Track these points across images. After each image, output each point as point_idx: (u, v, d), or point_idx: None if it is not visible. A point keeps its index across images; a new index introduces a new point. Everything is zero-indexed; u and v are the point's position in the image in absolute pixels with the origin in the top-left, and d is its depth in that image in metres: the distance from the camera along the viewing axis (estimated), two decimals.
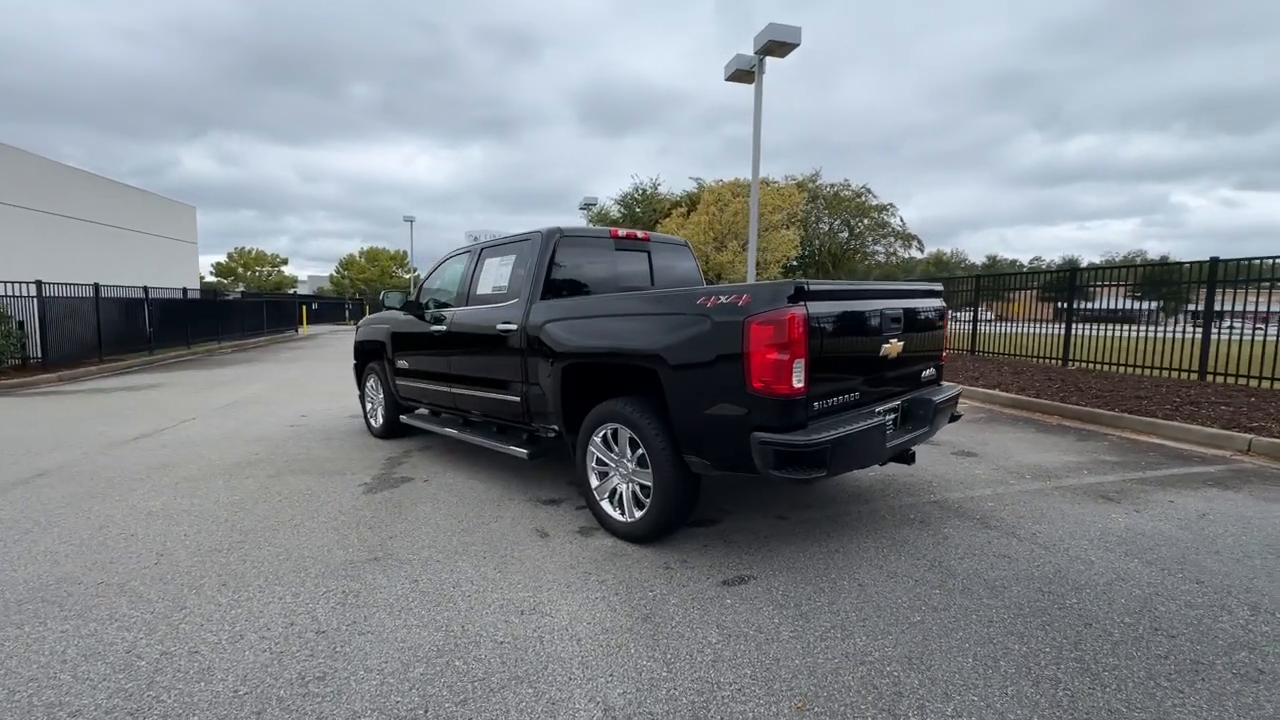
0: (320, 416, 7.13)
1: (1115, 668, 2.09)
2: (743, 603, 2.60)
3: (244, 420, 6.90)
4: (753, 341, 2.59)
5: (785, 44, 11.95)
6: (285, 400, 8.37)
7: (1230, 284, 7.36)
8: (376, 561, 3.07)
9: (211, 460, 5.13)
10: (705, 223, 19.15)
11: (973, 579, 2.78)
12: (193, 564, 3.05)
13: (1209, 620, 2.39)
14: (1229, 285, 7.37)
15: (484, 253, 4.66)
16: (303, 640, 2.34)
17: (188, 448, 5.56)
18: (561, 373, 3.57)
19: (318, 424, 6.68)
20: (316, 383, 10.22)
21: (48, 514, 3.78)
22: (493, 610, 2.56)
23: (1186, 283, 7.95)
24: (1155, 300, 9.21)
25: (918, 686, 2.01)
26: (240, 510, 3.86)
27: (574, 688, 2.03)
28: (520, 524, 3.58)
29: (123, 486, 4.37)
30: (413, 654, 2.24)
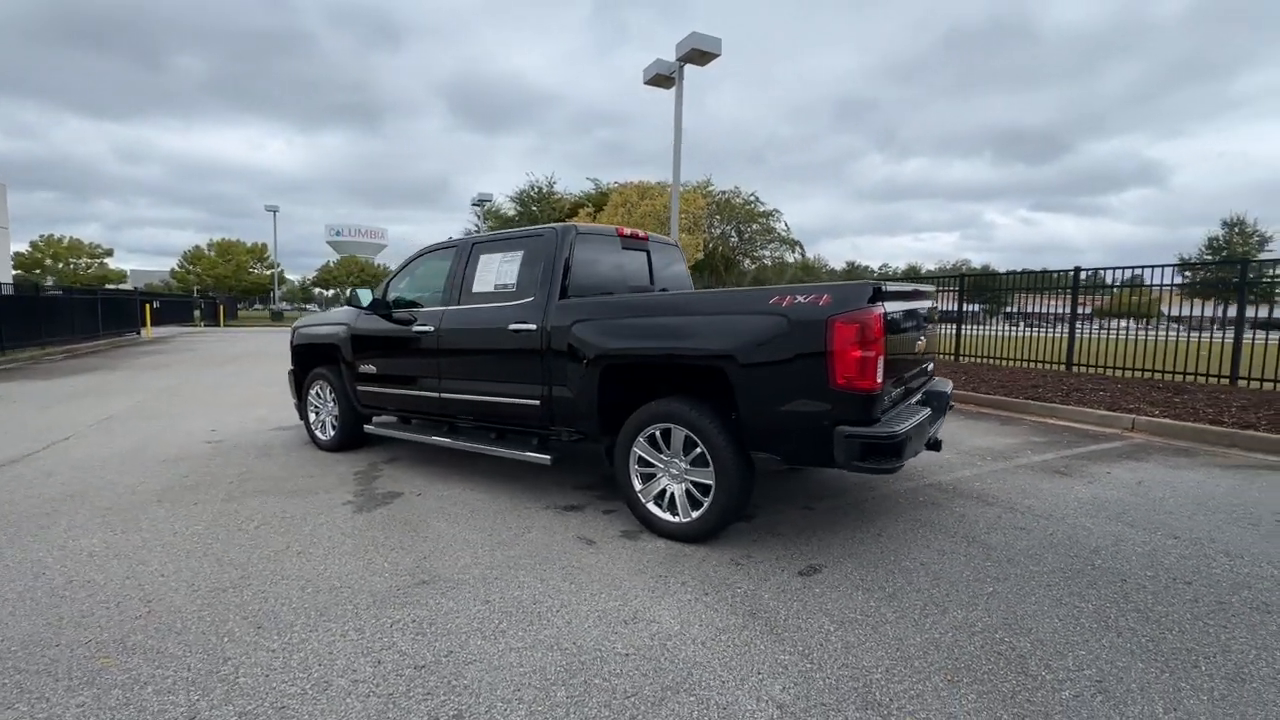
0: (236, 430, 6.25)
1: (1166, 615, 2.46)
2: (831, 590, 2.71)
3: (141, 438, 5.87)
4: (837, 340, 2.70)
5: (706, 53, 12.38)
6: (179, 413, 7.22)
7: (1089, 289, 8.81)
8: (427, 585, 2.79)
9: (130, 486, 4.32)
10: (630, 223, 19.24)
11: (1009, 550, 3.11)
12: (199, 608, 2.58)
13: (1204, 568, 2.89)
14: (1088, 291, 8.82)
15: (475, 249, 4.38)
16: (407, 679, 2.08)
17: (86, 473, 4.63)
18: (600, 374, 3.47)
19: (241, 439, 5.86)
20: (206, 392, 8.93)
21: None
22: (593, 623, 2.44)
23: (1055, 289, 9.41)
24: (1030, 305, 10.76)
25: (1032, 648, 2.23)
26: (213, 541, 3.31)
27: (734, 690, 2.01)
28: (556, 533, 3.42)
29: (30, 525, 3.56)
30: (543, 677, 2.08)
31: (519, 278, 4.02)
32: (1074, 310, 8.86)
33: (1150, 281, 8.15)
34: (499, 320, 3.99)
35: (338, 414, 5.24)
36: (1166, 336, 8.21)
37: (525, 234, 4.14)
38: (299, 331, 5.67)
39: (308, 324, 5.70)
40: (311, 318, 5.87)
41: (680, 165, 13.53)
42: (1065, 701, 1.93)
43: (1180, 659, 2.16)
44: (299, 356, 5.68)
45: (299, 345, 5.62)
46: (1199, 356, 7.87)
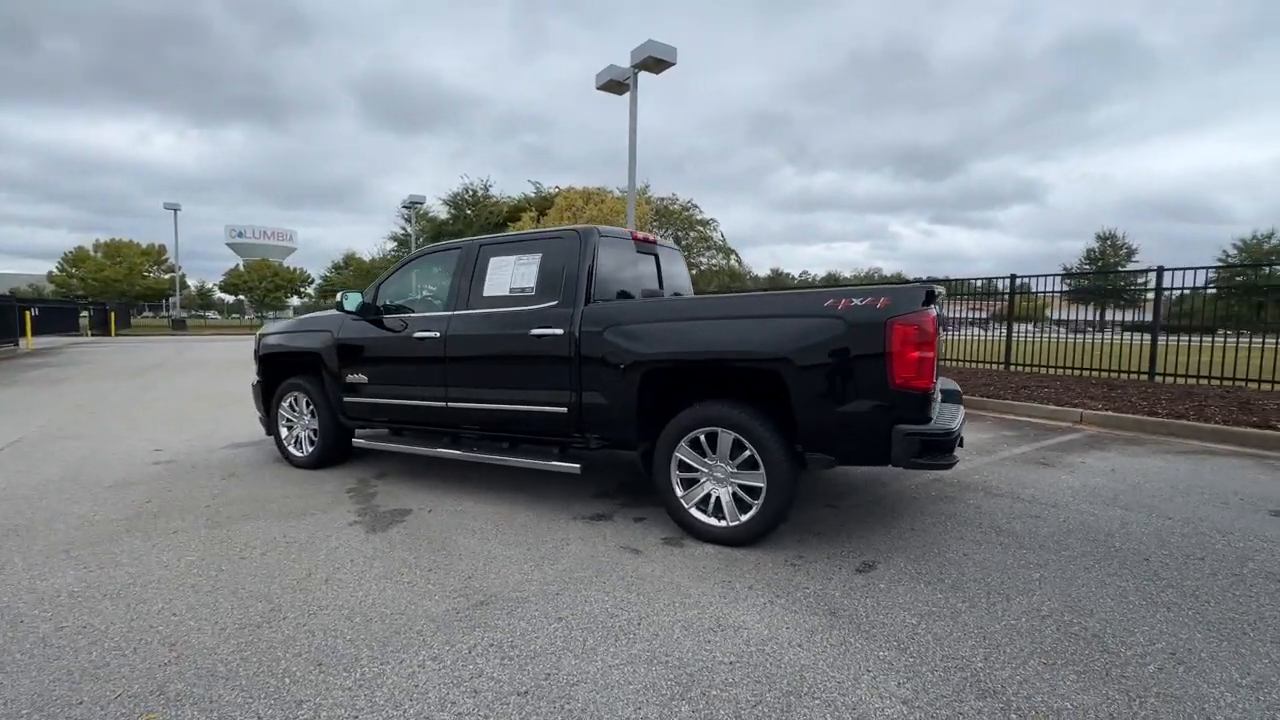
0: (184, 449, 5.66)
1: (1197, 588, 2.70)
2: (894, 585, 2.78)
3: (71, 462, 5.18)
4: (895, 341, 2.79)
5: (662, 61, 12.52)
6: (105, 433, 6.45)
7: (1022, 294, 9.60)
8: (486, 605, 2.62)
9: (84, 516, 3.80)
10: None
11: (1035, 538, 3.31)
12: (237, 648, 2.30)
13: (1207, 544, 3.20)
14: (1020, 295, 9.61)
15: (483, 251, 4.20)
16: (515, 706, 1.94)
17: (19, 504, 4.02)
18: (640, 380, 3.40)
19: (195, 458, 5.31)
20: (127, 408, 8.03)
21: None
22: (680, 633, 2.38)
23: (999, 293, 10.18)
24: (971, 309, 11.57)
25: (1101, 627, 2.38)
26: (217, 572, 2.97)
27: (852, 689, 2.01)
28: (597, 544, 3.32)
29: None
30: (658, 693, 2.00)
31: (538, 281, 3.88)
32: (1010, 313, 9.64)
33: (1044, 287, 8.97)
34: (518, 325, 3.83)
35: (317, 428, 4.85)
36: (1065, 337, 9.08)
37: (543, 235, 4.02)
38: (266, 340, 5.21)
39: (277, 331, 5.25)
40: (281, 324, 5.41)
41: (635, 171, 13.60)
42: (1153, 675, 2.08)
43: (1229, 628, 2.37)
44: (267, 367, 5.22)
45: (268, 355, 5.16)
46: (1119, 356, 8.76)
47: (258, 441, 5.99)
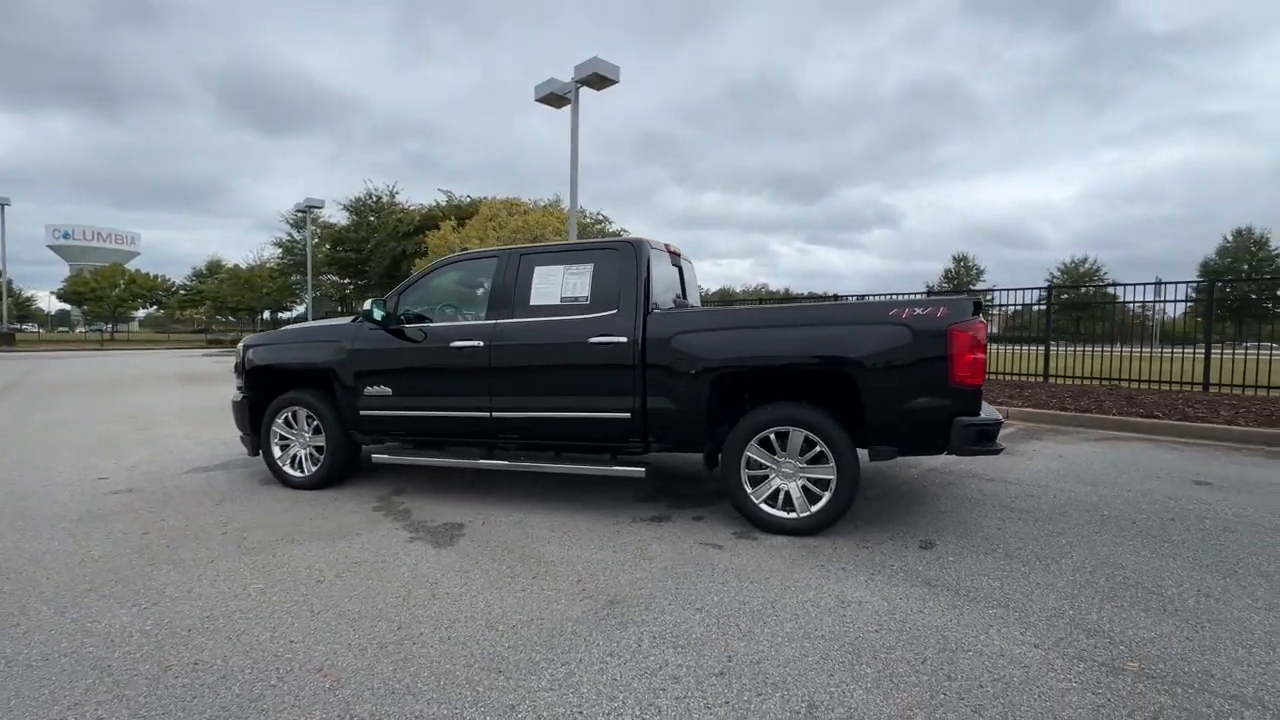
0: (136, 476, 5.04)
1: (1186, 541, 3.35)
2: (961, 557, 3.18)
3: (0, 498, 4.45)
4: (955, 345, 3.22)
5: (605, 79, 12.81)
6: (25, 463, 5.54)
7: None
8: (618, 604, 2.69)
9: (77, 554, 3.34)
10: (502, 239, 18.64)
11: (1040, 513, 3.89)
12: (397, 665, 2.21)
13: (1168, 508, 3.93)
14: None
15: (525, 260, 4.20)
16: (722, 684, 2.06)
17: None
18: (712, 384, 3.60)
19: (158, 485, 4.75)
20: (27, 437, 6.90)
21: None
22: (818, 612, 2.59)
23: None
24: None
25: (1138, 576, 2.90)
26: (303, 598, 2.77)
27: (989, 641, 2.34)
28: (677, 543, 3.44)
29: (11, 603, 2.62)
30: (835, 660, 2.21)
31: (593, 290, 3.97)
32: None
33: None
34: (575, 333, 3.89)
35: (324, 445, 4.54)
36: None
37: (592, 246, 4.11)
38: (255, 353, 4.79)
39: (269, 343, 4.85)
40: (271, 334, 5.00)
41: (577, 185, 13.71)
42: (1194, 607, 2.60)
43: (1223, 569, 3.00)
44: (257, 381, 4.79)
45: (261, 368, 4.74)
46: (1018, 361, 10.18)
47: (226, 464, 5.45)
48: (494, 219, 19.21)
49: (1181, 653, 2.26)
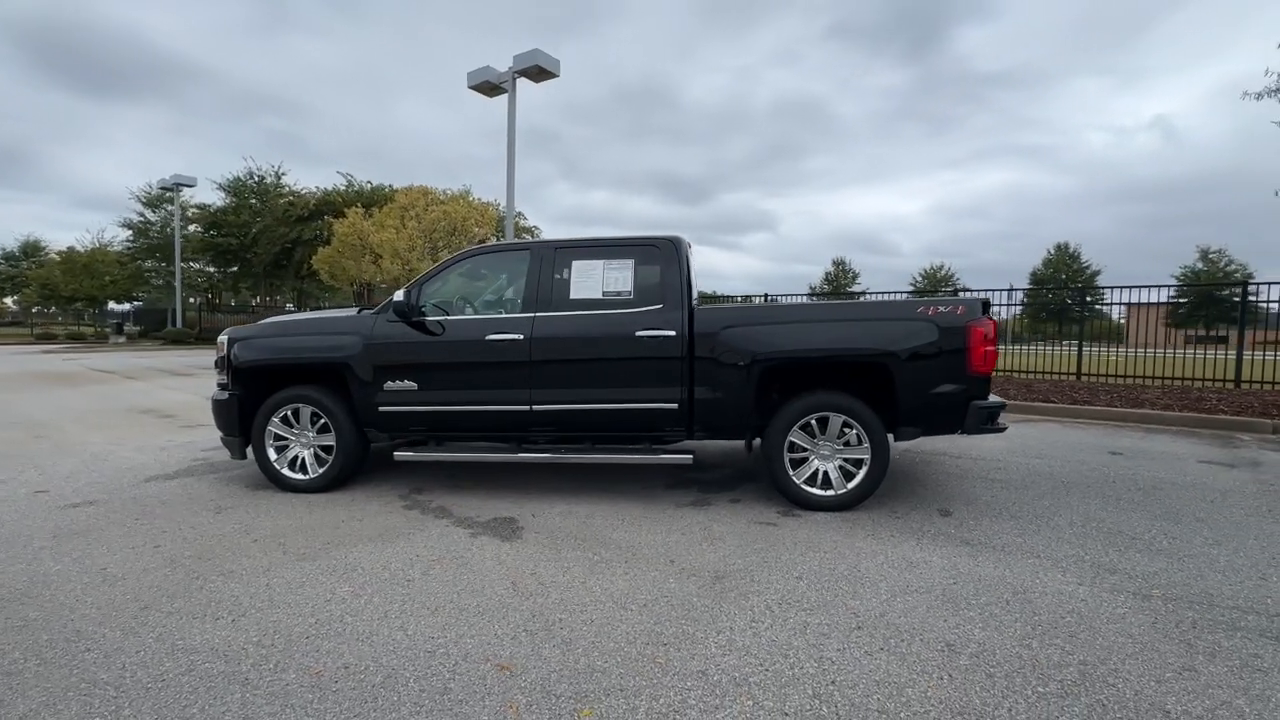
0: (83, 487, 4.44)
1: (1146, 499, 4.11)
2: (979, 520, 3.69)
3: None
4: (973, 339, 3.73)
5: (545, 72, 12.67)
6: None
7: None
8: (724, 579, 2.88)
9: (99, 570, 2.96)
10: (421, 230, 17.66)
11: (1017, 483, 4.56)
12: (561, 649, 2.26)
13: (1109, 474, 4.76)
14: None
15: (561, 254, 4.23)
16: (864, 635, 2.34)
17: None
18: (760, 375, 3.86)
19: (123, 496, 4.23)
20: None
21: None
22: (897, 571, 2.95)
23: None
24: None
25: (1138, 531, 3.55)
26: (405, 598, 2.69)
27: (1047, 584, 2.81)
28: (734, 523, 3.67)
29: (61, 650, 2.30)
30: (942, 608, 2.56)
31: (636, 285, 4.09)
32: None
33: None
34: (622, 327, 3.99)
35: (333, 445, 4.26)
36: None
37: (632, 242, 4.21)
38: (245, 345, 4.37)
39: (264, 335, 4.44)
40: (262, 327, 4.57)
41: (515, 179, 13.42)
42: (1168, 546, 3.26)
43: (1172, 516, 3.75)
44: (249, 377, 4.38)
45: (252, 363, 4.33)
46: None
47: (187, 470, 4.91)
48: (411, 208, 18.22)
49: (1181, 581, 2.86)
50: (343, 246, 18.15)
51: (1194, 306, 30.61)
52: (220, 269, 33.12)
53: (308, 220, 23.40)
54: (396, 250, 17.18)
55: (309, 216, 23.45)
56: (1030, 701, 1.96)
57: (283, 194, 26.79)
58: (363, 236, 17.64)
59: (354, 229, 18.23)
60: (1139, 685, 2.04)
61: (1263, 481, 4.62)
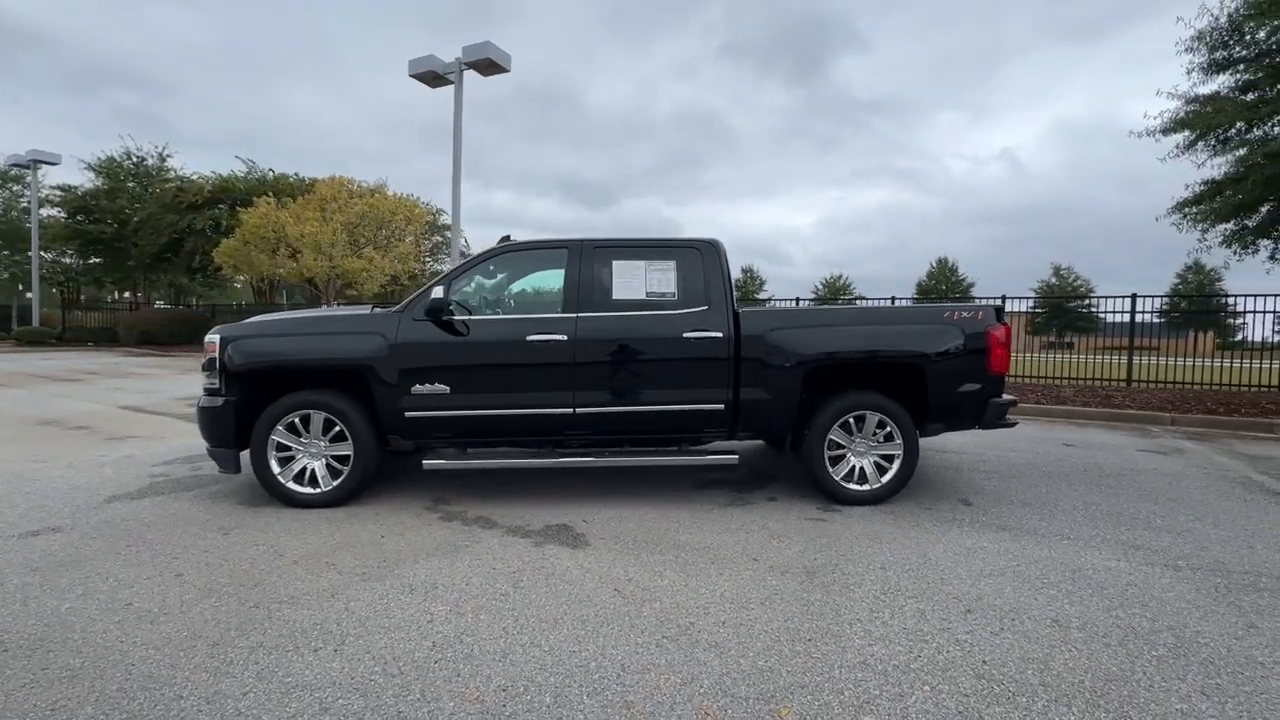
0: (35, 512, 3.81)
1: (1113, 484, 4.64)
2: (999, 507, 4.02)
3: None
4: (992, 342, 4.07)
5: (496, 65, 12.32)
6: None
7: None
8: (815, 574, 2.96)
9: (139, 612, 2.55)
10: (348, 223, 16.40)
11: (1008, 473, 5.01)
12: (720, 658, 2.23)
13: (1075, 464, 5.34)
14: None
15: (600, 253, 4.14)
16: (977, 618, 2.50)
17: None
18: (804, 375, 3.99)
19: (101, 519, 3.68)
20: None
21: None
22: (967, 556, 3.16)
23: None
24: None
25: (1114, 508, 4.01)
26: (513, 612, 2.54)
27: (1089, 563, 3.12)
28: (786, 521, 3.75)
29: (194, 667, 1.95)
30: (1023, 587, 2.79)
31: (680, 287, 4.09)
32: None
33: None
34: (669, 328, 3.98)
35: (348, 454, 3.91)
36: None
37: (671, 243, 4.21)
38: (243, 345, 3.90)
39: (264, 334, 3.98)
40: (261, 325, 4.09)
41: (460, 174, 12.88)
42: (1162, 524, 3.73)
43: (1150, 498, 4.28)
44: (249, 381, 3.91)
45: (253, 365, 3.87)
46: None
47: (151, 488, 4.32)
48: (334, 200, 16.93)
49: (1193, 553, 3.29)
50: (253, 239, 16.52)
51: (1049, 316, 34.94)
52: (83, 260, 29.00)
53: (201, 209, 21.03)
54: (319, 244, 15.91)
55: (203, 204, 21.07)
56: (1155, 664, 2.18)
57: (168, 178, 23.91)
58: (278, 229, 16.16)
59: (265, 219, 16.65)
60: (1225, 643, 2.34)
61: (1197, 466, 5.40)
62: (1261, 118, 8.26)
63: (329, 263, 16.45)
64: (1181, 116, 9.37)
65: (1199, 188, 9.58)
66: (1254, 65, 8.89)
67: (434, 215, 27.81)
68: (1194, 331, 12.21)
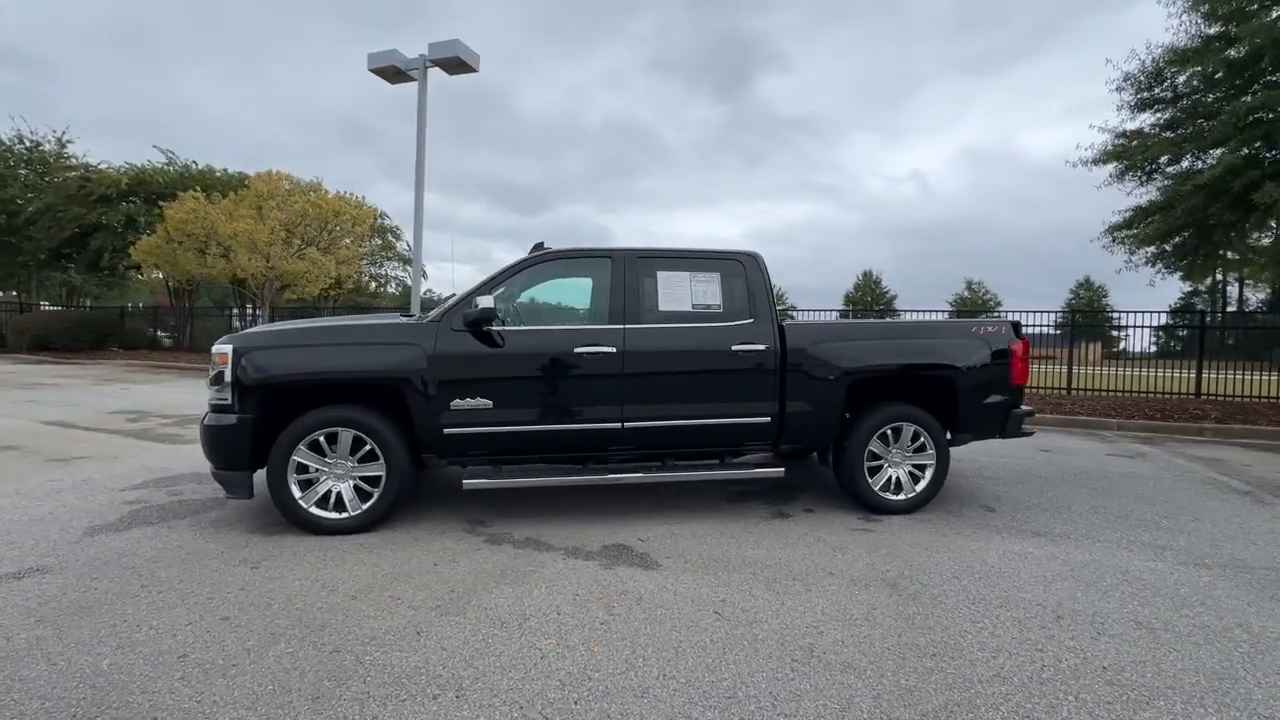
0: (7, 537, 3.29)
1: (1104, 486, 4.99)
2: (1022, 513, 4.23)
3: None
4: (1015, 355, 4.29)
5: (464, 65, 11.94)
6: None
7: None
8: (898, 584, 3.00)
9: (167, 656, 2.23)
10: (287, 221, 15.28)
11: (1010, 479, 5.28)
12: (904, 661, 2.20)
13: (1059, 469, 5.70)
14: None
15: (644, 264, 4.06)
16: (1068, 626, 2.60)
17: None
18: (847, 388, 4.05)
19: (89, 555, 3.24)
20: None
21: None
22: (1021, 561, 3.30)
23: None
24: None
25: (1122, 510, 4.30)
26: (651, 638, 2.41)
27: (1129, 563, 3.34)
28: (836, 533, 3.79)
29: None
30: (1090, 585, 2.94)
31: (725, 299, 4.07)
32: None
33: None
34: (718, 341, 3.95)
35: (379, 475, 3.62)
36: None
37: (715, 254, 4.19)
38: (263, 356, 3.54)
39: (288, 345, 3.62)
40: (284, 333, 3.72)
41: (424, 176, 12.32)
42: (1168, 525, 4.04)
43: (1144, 500, 4.62)
44: (268, 396, 3.54)
45: (274, 379, 3.51)
46: None
47: (135, 515, 3.86)
48: (272, 197, 15.80)
49: (1211, 551, 3.57)
50: (179, 236, 15.13)
51: None
52: None
53: (114, 202, 19.05)
54: (255, 243, 14.78)
55: (116, 197, 19.10)
56: (1250, 660, 2.34)
57: (70, 166, 21.50)
58: (207, 226, 14.89)
59: (193, 214, 15.30)
60: None
61: (1164, 469, 5.90)
62: (1185, 153, 9.24)
63: (265, 263, 15.32)
64: (1111, 149, 10.34)
65: (1128, 214, 10.61)
66: (1171, 105, 9.95)
67: (379, 216, 26.58)
68: (1085, 342, 13.57)
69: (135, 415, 8.01)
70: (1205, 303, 50.89)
